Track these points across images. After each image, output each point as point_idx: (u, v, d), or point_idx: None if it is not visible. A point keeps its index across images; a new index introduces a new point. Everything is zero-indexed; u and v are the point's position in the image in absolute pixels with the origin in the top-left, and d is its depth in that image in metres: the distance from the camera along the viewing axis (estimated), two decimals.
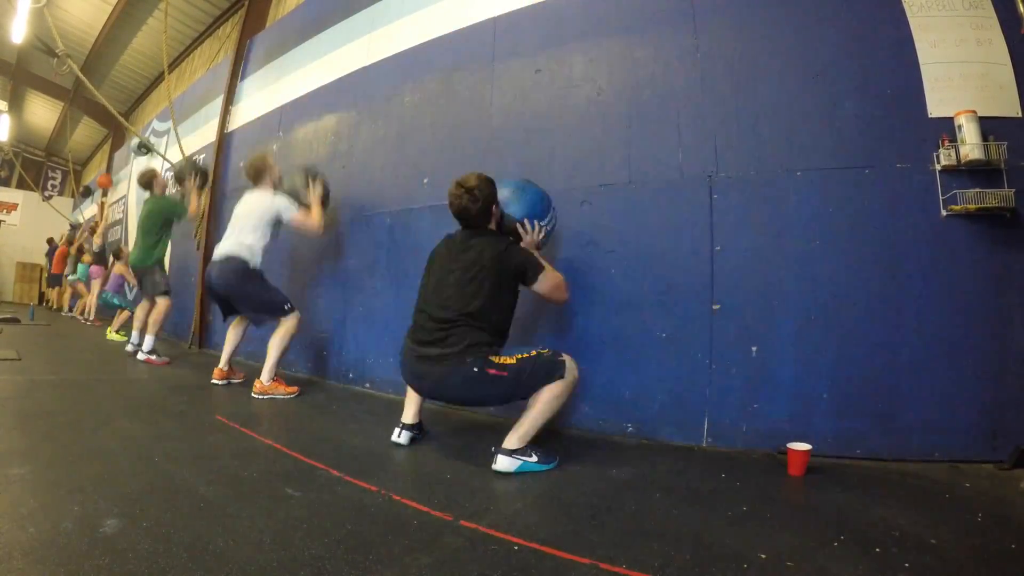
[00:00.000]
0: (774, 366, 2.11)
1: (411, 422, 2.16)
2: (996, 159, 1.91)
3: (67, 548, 1.11)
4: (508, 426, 1.89)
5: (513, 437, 1.84)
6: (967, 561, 1.20)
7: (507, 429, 1.88)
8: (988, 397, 1.91)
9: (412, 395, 2.17)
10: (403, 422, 2.16)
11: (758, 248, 2.17)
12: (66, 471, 1.60)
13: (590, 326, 2.46)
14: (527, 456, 1.83)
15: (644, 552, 1.23)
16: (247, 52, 5.48)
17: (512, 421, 1.90)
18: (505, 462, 1.81)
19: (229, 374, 3.30)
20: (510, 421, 1.97)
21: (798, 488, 1.73)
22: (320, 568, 1.10)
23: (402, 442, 2.12)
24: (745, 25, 2.31)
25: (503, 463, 1.81)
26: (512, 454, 1.82)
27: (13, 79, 9.83)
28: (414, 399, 2.17)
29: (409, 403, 2.18)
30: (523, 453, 1.83)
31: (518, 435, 1.84)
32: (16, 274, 12.29)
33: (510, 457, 1.82)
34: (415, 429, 2.17)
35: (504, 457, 1.82)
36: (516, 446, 1.83)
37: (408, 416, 2.16)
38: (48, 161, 14.35)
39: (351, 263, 3.60)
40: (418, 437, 2.19)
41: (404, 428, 2.14)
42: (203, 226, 5.28)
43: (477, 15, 3.14)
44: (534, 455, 1.84)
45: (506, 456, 1.82)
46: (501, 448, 1.83)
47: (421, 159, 3.24)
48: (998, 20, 2.03)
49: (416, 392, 2.14)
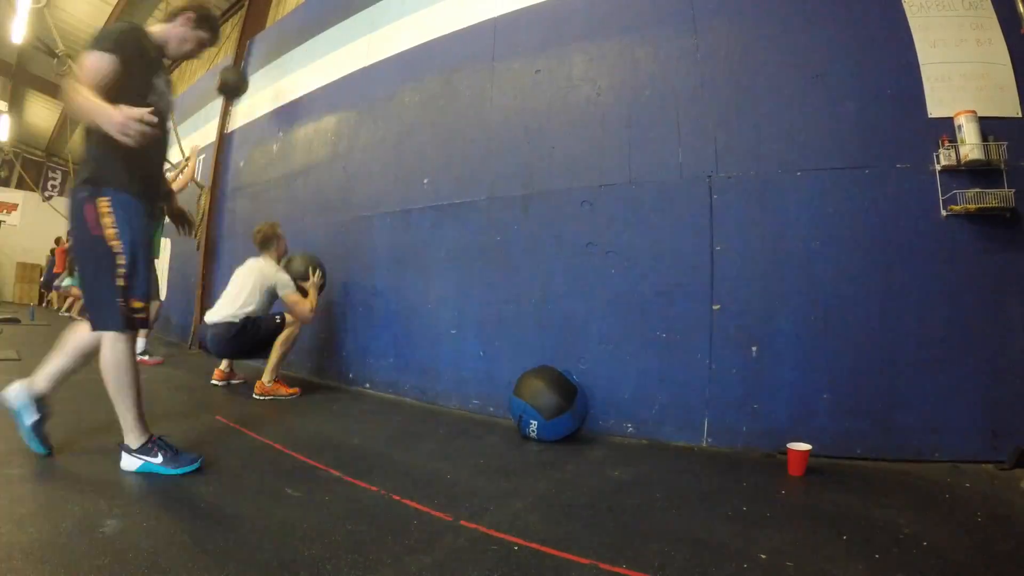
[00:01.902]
0: (774, 366, 2.11)
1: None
2: (996, 159, 1.91)
3: (67, 548, 1.11)
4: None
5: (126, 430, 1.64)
6: (967, 561, 1.20)
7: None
8: (988, 397, 1.91)
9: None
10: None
11: (758, 248, 2.17)
12: (66, 471, 1.60)
13: (590, 326, 2.46)
14: (150, 455, 1.63)
15: (644, 552, 1.23)
16: (247, 52, 5.48)
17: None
18: (127, 461, 1.63)
19: (229, 375, 3.30)
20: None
21: (798, 488, 1.73)
22: (320, 568, 1.10)
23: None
24: (745, 25, 2.31)
25: (126, 462, 1.63)
26: (133, 452, 1.63)
27: (13, 79, 9.82)
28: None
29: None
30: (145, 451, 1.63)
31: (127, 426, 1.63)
32: (16, 274, 12.29)
33: (131, 456, 1.63)
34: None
35: (126, 455, 1.63)
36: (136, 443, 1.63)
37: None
38: (48, 161, 14.32)
39: (351, 263, 3.60)
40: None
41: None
42: (203, 227, 5.28)
43: (477, 15, 3.14)
44: (159, 455, 1.63)
45: (128, 454, 1.63)
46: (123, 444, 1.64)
47: (421, 159, 3.24)
48: (998, 20, 2.03)
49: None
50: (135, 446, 1.64)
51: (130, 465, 1.64)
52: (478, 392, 2.78)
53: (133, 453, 1.64)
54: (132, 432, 1.65)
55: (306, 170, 4.15)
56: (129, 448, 1.64)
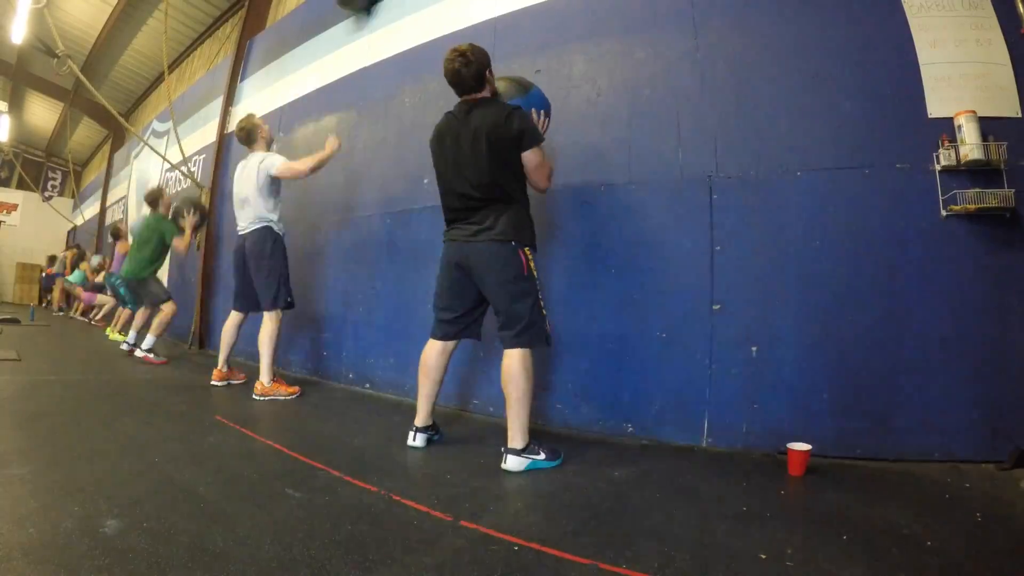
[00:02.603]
0: (774, 366, 2.11)
1: (423, 424, 2.10)
2: (996, 159, 1.90)
3: (67, 548, 1.11)
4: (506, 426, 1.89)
5: (515, 435, 1.84)
6: (967, 561, 1.20)
7: (505, 430, 1.87)
8: (988, 397, 1.91)
9: (423, 396, 2.11)
10: (416, 425, 2.10)
11: (758, 248, 2.17)
12: (66, 471, 1.60)
13: (590, 326, 2.46)
14: (535, 454, 1.84)
15: (644, 552, 1.23)
16: (247, 53, 5.48)
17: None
18: (514, 462, 1.82)
19: (229, 375, 3.30)
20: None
21: (798, 488, 1.73)
22: (320, 568, 1.10)
23: (418, 445, 2.07)
24: (745, 25, 2.31)
25: (512, 463, 1.82)
26: (520, 453, 1.83)
27: (13, 79, 9.83)
28: (425, 399, 2.10)
29: (421, 404, 2.11)
30: (531, 451, 1.84)
31: (518, 430, 1.84)
32: (16, 274, 12.29)
33: (519, 456, 1.82)
34: (430, 430, 2.12)
35: (513, 457, 1.82)
36: (522, 444, 1.84)
37: (420, 418, 2.10)
38: (48, 162, 14.35)
39: (351, 263, 3.60)
40: (435, 438, 2.14)
41: (418, 431, 2.09)
42: (203, 227, 5.28)
43: (477, 15, 3.14)
44: (541, 452, 1.85)
45: (515, 456, 1.82)
46: (508, 448, 1.84)
47: (421, 160, 3.22)
48: (998, 20, 2.03)
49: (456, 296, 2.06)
50: (521, 447, 1.84)
51: (517, 466, 1.82)
52: (478, 392, 2.78)
53: (521, 454, 1.83)
54: (521, 434, 1.85)
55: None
56: (516, 450, 1.83)
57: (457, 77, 1.95)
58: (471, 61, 1.92)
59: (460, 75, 1.94)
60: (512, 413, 1.85)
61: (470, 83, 1.96)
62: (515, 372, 1.85)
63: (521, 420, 1.85)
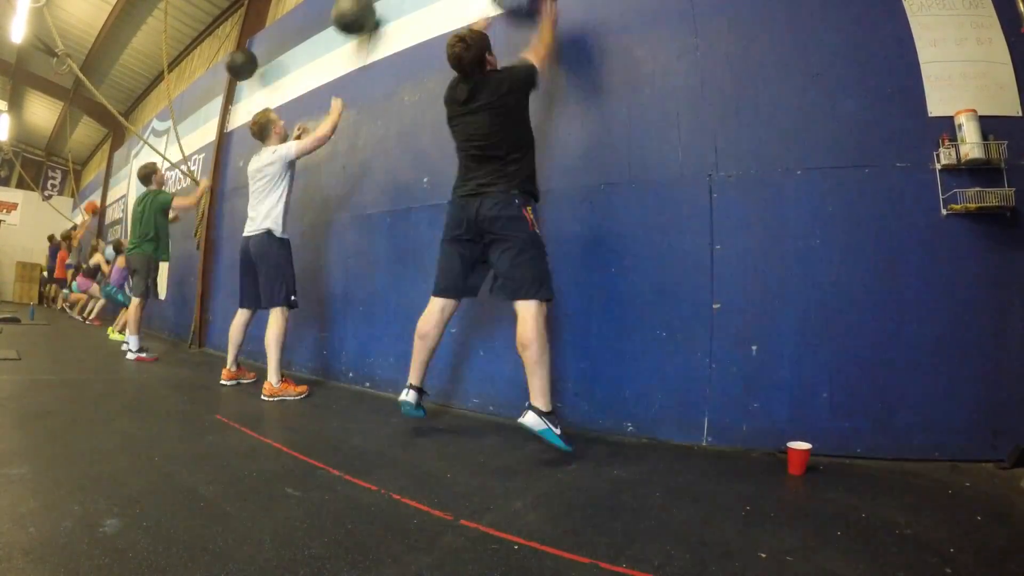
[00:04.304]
0: (774, 366, 2.11)
1: (417, 383, 2.23)
2: (996, 158, 1.90)
3: (67, 548, 1.12)
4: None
5: (539, 395, 1.90)
6: (967, 561, 1.20)
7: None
8: (988, 397, 1.91)
9: (418, 361, 2.23)
10: (410, 383, 2.23)
11: (758, 248, 2.17)
12: (66, 471, 1.60)
13: (590, 325, 2.46)
14: (554, 426, 1.87)
15: (644, 552, 1.23)
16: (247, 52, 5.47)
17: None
18: (533, 419, 1.85)
19: (238, 374, 3.30)
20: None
21: (798, 488, 1.73)
22: (320, 568, 1.10)
23: (409, 400, 2.18)
24: (745, 25, 2.31)
25: (531, 419, 1.85)
26: (543, 416, 1.86)
27: (13, 79, 9.81)
28: (420, 365, 2.23)
29: (415, 368, 2.24)
30: (551, 420, 1.87)
31: (540, 392, 1.91)
32: (16, 274, 12.28)
33: (540, 417, 1.85)
34: (420, 392, 2.24)
35: (534, 415, 1.85)
36: (546, 408, 1.88)
37: (414, 377, 2.23)
38: (48, 161, 14.34)
39: (351, 263, 3.60)
40: (420, 410, 2.24)
41: (411, 387, 2.22)
42: (203, 226, 5.28)
43: (477, 15, 3.14)
44: (558, 428, 1.88)
45: (536, 415, 1.85)
46: (532, 405, 1.87)
47: (421, 159, 3.24)
48: (998, 19, 2.02)
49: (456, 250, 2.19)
50: (545, 410, 1.88)
51: (535, 424, 1.86)
52: (478, 391, 2.78)
53: (543, 416, 1.86)
54: (544, 396, 1.89)
55: (306, 169, 4.13)
56: (540, 410, 1.87)
57: (459, 61, 2.12)
58: (471, 45, 2.09)
59: (461, 59, 2.10)
60: (535, 377, 1.90)
61: (471, 66, 2.12)
62: (531, 334, 1.91)
63: (544, 382, 1.89)
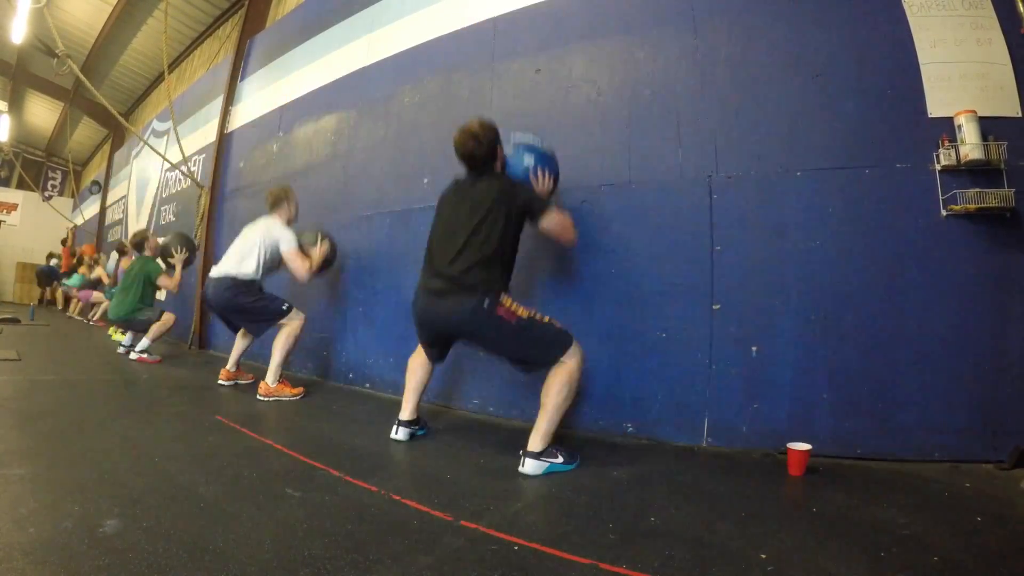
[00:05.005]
0: (774, 366, 2.11)
1: (408, 418, 2.18)
2: (996, 159, 1.90)
3: (67, 548, 1.11)
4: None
5: (536, 439, 1.83)
6: (967, 561, 1.20)
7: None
8: (988, 397, 1.91)
9: (410, 390, 2.19)
10: (400, 419, 2.17)
11: (758, 248, 2.17)
12: (66, 471, 1.60)
13: (590, 326, 2.46)
14: (553, 458, 1.84)
15: (644, 552, 1.23)
16: (247, 52, 5.48)
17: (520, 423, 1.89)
18: (532, 465, 1.81)
19: (236, 375, 3.30)
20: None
21: (798, 488, 1.73)
22: (320, 568, 1.10)
23: (400, 438, 2.14)
24: (745, 25, 2.31)
25: (531, 466, 1.81)
26: (539, 457, 1.82)
27: (13, 79, 9.82)
28: (412, 394, 2.19)
29: (407, 399, 2.20)
30: (549, 455, 1.83)
31: (540, 436, 1.84)
32: (16, 274, 12.28)
33: (537, 460, 1.81)
34: (413, 425, 2.19)
35: (532, 460, 1.81)
36: (541, 448, 1.83)
37: (406, 412, 2.18)
38: (48, 161, 14.34)
39: (351, 263, 3.60)
40: (418, 432, 2.21)
41: (401, 424, 2.17)
42: (202, 227, 5.29)
43: (477, 15, 3.14)
44: (560, 456, 1.84)
45: (533, 459, 1.81)
46: (527, 451, 1.83)
47: (421, 159, 3.24)
48: (998, 20, 2.03)
49: (426, 339, 2.14)
50: (539, 451, 1.82)
51: (535, 469, 1.81)
52: (478, 392, 2.78)
53: (539, 457, 1.82)
54: (542, 440, 1.83)
55: (306, 170, 4.15)
56: (534, 453, 1.82)
57: (471, 158, 2.07)
58: (482, 141, 2.03)
59: (474, 156, 2.05)
60: (540, 419, 1.85)
61: (483, 160, 2.07)
62: (552, 384, 1.86)
63: (546, 428, 1.84)
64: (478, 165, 2.07)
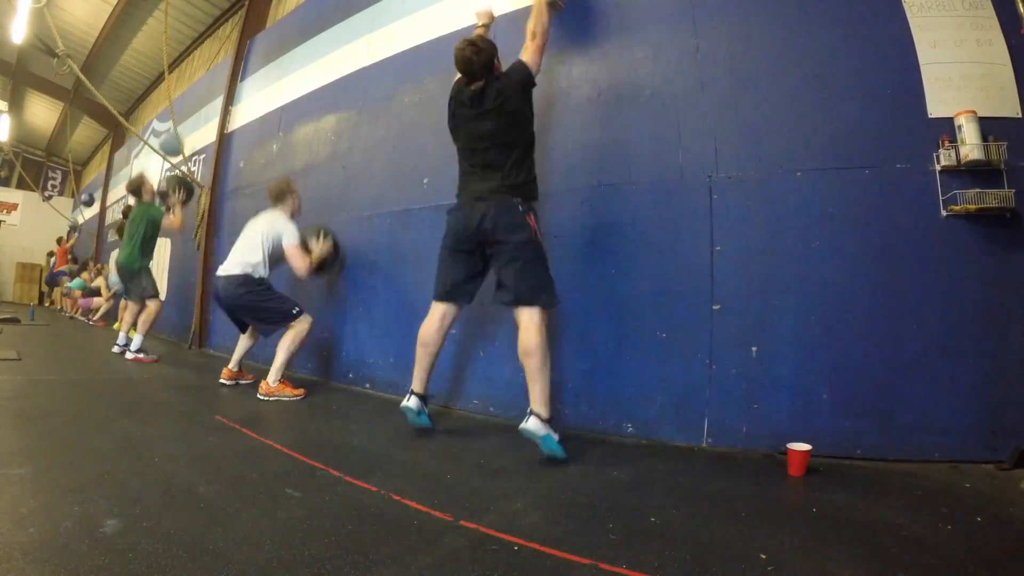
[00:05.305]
0: (774, 366, 2.11)
1: (420, 390, 2.22)
2: (996, 159, 1.90)
3: (67, 548, 1.11)
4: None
5: (541, 402, 1.92)
6: (967, 561, 1.20)
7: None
8: (988, 397, 1.91)
9: (421, 368, 2.24)
10: (413, 389, 2.23)
11: (758, 248, 2.17)
12: (66, 471, 1.60)
13: (590, 326, 2.46)
14: (553, 432, 1.89)
15: (644, 552, 1.23)
16: (247, 52, 5.48)
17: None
18: (536, 424, 1.87)
19: (238, 375, 3.31)
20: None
21: (798, 488, 1.73)
22: (320, 568, 1.10)
23: (411, 406, 2.18)
24: (745, 25, 2.31)
25: (534, 424, 1.87)
26: (545, 422, 1.88)
27: (13, 79, 9.83)
28: (423, 371, 2.24)
29: (418, 375, 2.24)
30: (553, 427, 1.89)
31: (542, 398, 1.93)
32: (16, 274, 12.30)
33: (542, 423, 1.87)
34: (423, 399, 2.24)
35: (537, 420, 1.87)
36: (547, 414, 1.90)
37: (417, 384, 2.23)
38: (48, 161, 14.35)
39: (351, 263, 3.60)
40: (423, 415, 2.24)
41: (414, 394, 2.22)
42: (203, 227, 5.28)
43: (475, 16, 3.14)
44: (557, 435, 1.90)
45: (539, 420, 1.87)
46: (534, 411, 1.89)
47: (421, 159, 3.24)
48: (998, 20, 2.03)
49: (466, 247, 2.20)
50: (546, 416, 1.91)
51: (537, 429, 1.89)
52: (478, 392, 2.78)
53: (545, 422, 1.90)
54: (545, 404, 1.93)
55: (306, 170, 4.15)
56: (542, 416, 1.90)
57: (469, 65, 2.10)
58: (482, 50, 2.08)
59: (471, 63, 2.09)
60: (536, 384, 1.93)
61: (480, 71, 2.11)
62: (534, 342, 1.94)
63: (545, 390, 1.92)
64: (475, 76, 2.13)
